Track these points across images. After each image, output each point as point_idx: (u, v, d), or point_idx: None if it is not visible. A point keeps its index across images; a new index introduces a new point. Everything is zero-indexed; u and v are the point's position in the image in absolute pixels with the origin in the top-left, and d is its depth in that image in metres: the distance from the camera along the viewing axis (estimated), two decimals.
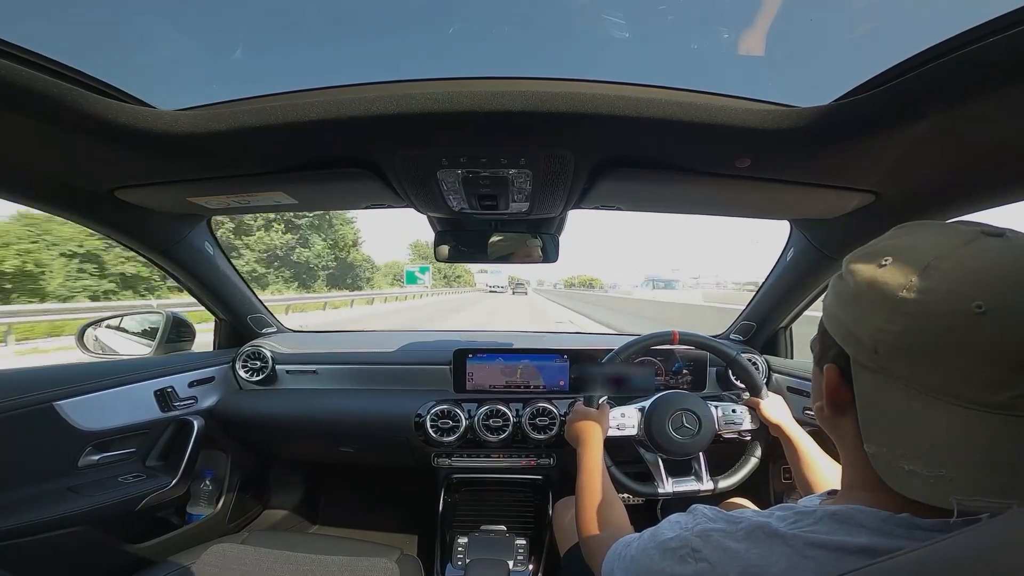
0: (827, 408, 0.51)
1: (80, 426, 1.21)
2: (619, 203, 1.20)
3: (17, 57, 0.65)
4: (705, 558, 0.49)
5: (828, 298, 0.52)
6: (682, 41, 0.89)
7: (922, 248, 0.43)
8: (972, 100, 0.62)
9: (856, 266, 0.48)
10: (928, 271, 0.40)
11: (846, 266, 0.50)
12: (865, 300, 0.45)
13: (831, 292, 0.52)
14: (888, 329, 0.41)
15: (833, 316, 0.50)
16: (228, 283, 1.64)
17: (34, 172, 0.97)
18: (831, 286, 0.52)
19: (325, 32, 1.04)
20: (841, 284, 0.50)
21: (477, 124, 0.79)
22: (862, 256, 0.48)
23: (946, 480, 0.38)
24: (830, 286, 0.53)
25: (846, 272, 0.50)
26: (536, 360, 1.55)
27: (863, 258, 0.48)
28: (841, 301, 0.48)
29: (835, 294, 0.50)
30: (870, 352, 0.43)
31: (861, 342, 0.44)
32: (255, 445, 1.78)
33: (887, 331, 0.42)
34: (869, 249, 0.49)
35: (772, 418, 1.11)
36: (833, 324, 0.49)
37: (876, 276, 0.44)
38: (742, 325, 1.78)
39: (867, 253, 0.48)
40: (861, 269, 0.47)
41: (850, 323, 0.46)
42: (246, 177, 1.01)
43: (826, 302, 0.53)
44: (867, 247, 0.49)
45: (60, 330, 9.63)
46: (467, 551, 1.50)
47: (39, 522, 1.09)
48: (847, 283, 0.48)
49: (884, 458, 0.42)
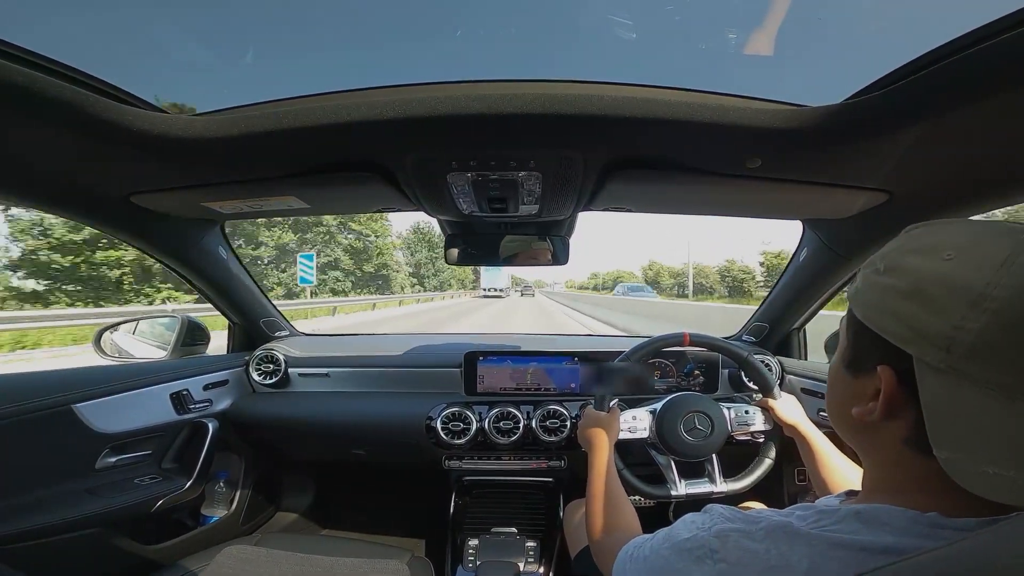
0: (880, 413, 0.46)
1: (98, 428, 1.23)
2: (629, 204, 1.20)
3: (34, 63, 0.66)
4: (723, 559, 0.48)
5: (869, 296, 0.48)
6: (690, 41, 0.89)
7: (986, 243, 0.41)
8: (984, 98, 0.61)
9: (910, 261, 0.44)
10: (1008, 266, 0.38)
11: (887, 261, 0.47)
12: (931, 297, 0.41)
13: (873, 290, 0.47)
14: (966, 327, 0.38)
15: (886, 314, 0.45)
16: (241, 287, 1.66)
17: (52, 178, 0.98)
18: (869, 284, 0.48)
19: (335, 37, 1.05)
20: (887, 280, 0.46)
21: (486, 127, 0.79)
22: (913, 250, 0.45)
23: None
24: (867, 284, 0.49)
25: (890, 267, 0.46)
26: (546, 362, 1.55)
27: (915, 252, 0.45)
28: (893, 299, 0.44)
29: (881, 291, 0.46)
30: (941, 352, 0.40)
31: (930, 342, 0.41)
32: (268, 447, 1.79)
33: (965, 329, 0.39)
34: (916, 244, 0.46)
35: (787, 418, 1.09)
36: (888, 323, 0.45)
37: (944, 271, 0.41)
38: (755, 326, 1.76)
39: (918, 248, 0.45)
40: (919, 264, 0.43)
41: (913, 322, 0.42)
42: (259, 181, 1.02)
43: (866, 300, 0.48)
44: (909, 243, 0.47)
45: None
46: (478, 553, 1.50)
47: (58, 523, 1.11)
48: (898, 279, 0.45)
49: (961, 464, 0.39)
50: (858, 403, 0.49)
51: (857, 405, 0.49)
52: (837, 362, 0.54)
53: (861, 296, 0.49)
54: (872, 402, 0.47)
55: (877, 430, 0.48)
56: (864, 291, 0.49)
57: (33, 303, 16.47)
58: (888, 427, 0.46)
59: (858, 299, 0.50)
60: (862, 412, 0.48)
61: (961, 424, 0.39)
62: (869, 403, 0.47)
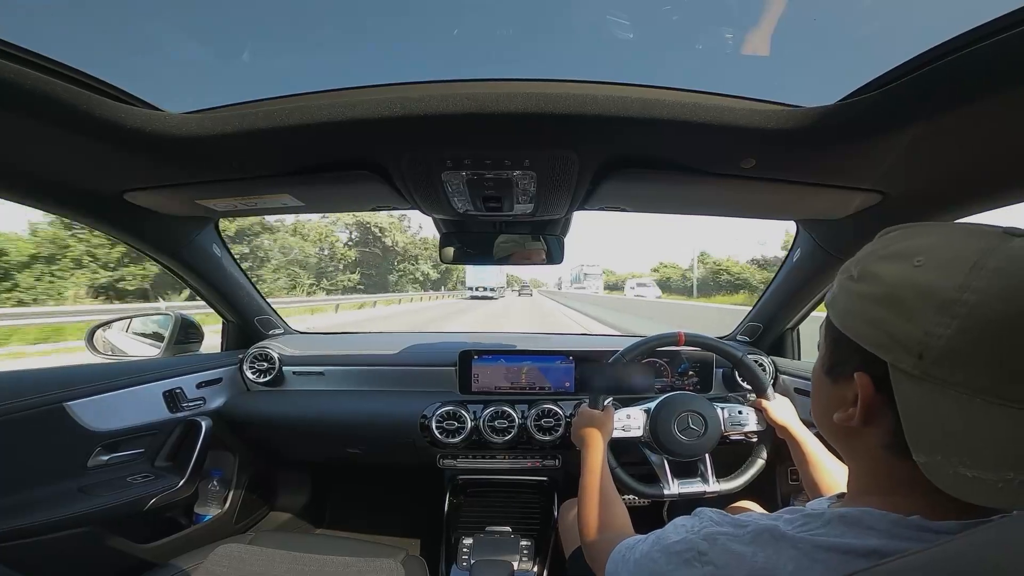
0: (858, 418, 0.46)
1: (90, 427, 1.22)
2: (624, 204, 1.20)
3: (27, 61, 0.65)
4: (711, 561, 0.49)
5: (844, 303, 0.48)
6: (687, 42, 0.89)
7: (955, 247, 0.41)
8: (979, 99, 0.62)
9: (882, 267, 0.45)
10: (977, 270, 0.38)
11: (861, 267, 0.47)
12: (903, 303, 0.42)
13: (848, 296, 0.48)
14: (937, 333, 0.39)
15: (861, 321, 0.45)
16: (235, 285, 1.65)
17: (45, 175, 0.98)
18: (844, 290, 0.49)
19: (330, 35, 1.04)
20: (860, 287, 0.46)
21: (481, 126, 0.79)
22: (885, 256, 0.45)
23: (1015, 484, 0.36)
24: (842, 291, 0.49)
25: (863, 273, 0.46)
26: (541, 362, 1.55)
27: (887, 259, 0.45)
28: (867, 305, 0.45)
29: (855, 297, 0.47)
30: (913, 359, 0.40)
31: (903, 348, 0.41)
32: (262, 446, 1.79)
33: (936, 335, 0.39)
34: (888, 250, 0.46)
35: (779, 420, 1.10)
36: (863, 330, 0.45)
37: (914, 277, 0.41)
38: (748, 326, 1.77)
39: (890, 254, 0.45)
40: (890, 270, 0.44)
41: (886, 328, 0.43)
42: (253, 179, 1.02)
43: (842, 307, 0.48)
44: (882, 248, 0.47)
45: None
46: (472, 552, 1.50)
47: (49, 522, 1.10)
48: (871, 286, 0.45)
49: (939, 467, 0.39)
50: (839, 408, 0.49)
51: (838, 410, 0.49)
52: (818, 367, 0.55)
53: (837, 303, 0.50)
54: (852, 408, 0.47)
55: (858, 434, 0.48)
56: (840, 298, 0.49)
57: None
58: (868, 432, 0.47)
59: (835, 306, 0.50)
60: (843, 417, 0.48)
61: (937, 428, 0.40)
62: (849, 408, 0.48)
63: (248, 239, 28.57)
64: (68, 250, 17.30)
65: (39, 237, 17.11)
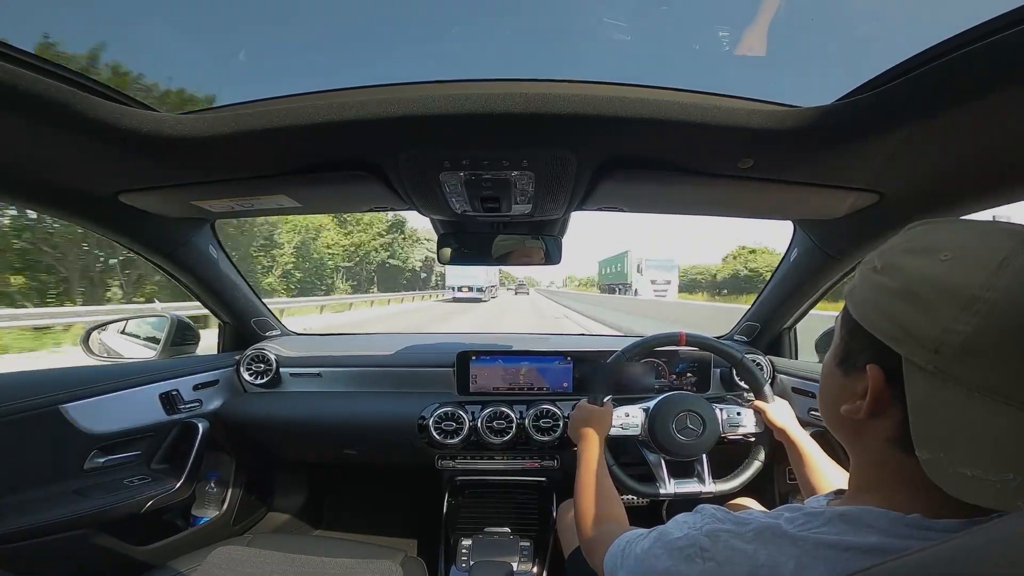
0: (865, 411, 0.46)
1: (86, 429, 1.22)
2: (621, 204, 1.20)
3: (19, 60, 0.65)
4: (713, 557, 0.49)
5: (863, 293, 0.48)
6: (684, 42, 0.91)
7: (988, 244, 0.40)
8: (975, 99, 0.62)
9: (906, 260, 0.44)
10: (1004, 268, 0.38)
11: (884, 260, 0.47)
12: (925, 298, 0.41)
13: (868, 287, 0.47)
14: (957, 329, 0.38)
15: (878, 313, 0.45)
16: (232, 286, 1.64)
17: (39, 176, 0.97)
18: (865, 281, 0.48)
19: (328, 36, 1.05)
20: (881, 279, 0.46)
21: (479, 126, 0.79)
22: (909, 250, 0.45)
23: (1013, 485, 0.36)
24: (863, 281, 0.49)
25: (886, 266, 0.46)
26: (539, 362, 1.55)
27: (912, 252, 0.45)
28: (886, 297, 0.44)
29: (875, 289, 0.46)
30: (929, 353, 0.40)
31: (919, 343, 0.41)
32: (259, 448, 1.78)
33: (955, 331, 0.38)
34: (913, 244, 0.45)
35: (777, 422, 1.10)
36: (879, 322, 0.45)
37: (939, 272, 0.41)
38: (746, 326, 1.77)
39: (915, 248, 0.45)
40: (914, 264, 0.43)
41: (904, 322, 0.42)
42: (249, 180, 1.01)
43: (860, 297, 0.48)
44: (907, 241, 0.46)
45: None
46: (471, 553, 1.50)
47: (45, 524, 1.09)
48: (892, 278, 0.44)
49: (940, 465, 0.39)
50: (847, 400, 0.49)
51: (846, 402, 0.49)
52: (830, 359, 0.55)
53: (856, 293, 0.49)
54: (860, 400, 0.47)
55: (864, 428, 0.48)
56: (859, 288, 0.49)
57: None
58: (874, 425, 0.47)
59: (853, 296, 0.50)
60: (850, 410, 0.48)
61: (945, 425, 0.40)
62: (857, 401, 0.47)
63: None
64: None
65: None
